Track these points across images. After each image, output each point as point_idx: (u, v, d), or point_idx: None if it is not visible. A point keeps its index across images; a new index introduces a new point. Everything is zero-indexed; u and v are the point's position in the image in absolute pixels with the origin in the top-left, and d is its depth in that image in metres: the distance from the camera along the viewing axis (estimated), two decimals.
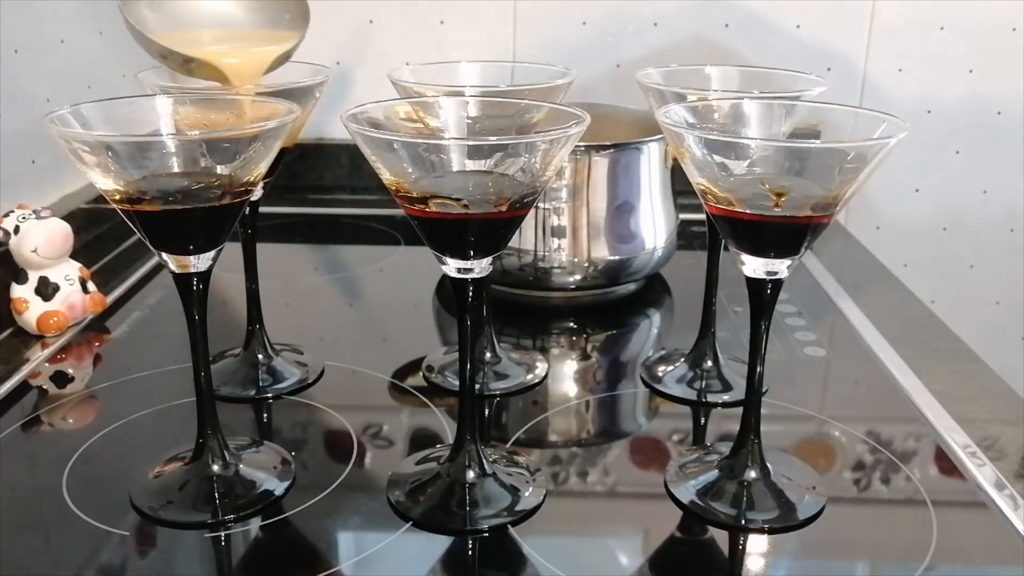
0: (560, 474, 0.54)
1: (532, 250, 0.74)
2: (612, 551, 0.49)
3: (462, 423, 0.51)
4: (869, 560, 0.48)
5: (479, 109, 0.52)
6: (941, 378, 0.65)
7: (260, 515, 0.49)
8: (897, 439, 0.58)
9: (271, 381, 0.63)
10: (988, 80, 1.05)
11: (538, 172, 0.45)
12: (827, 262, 0.88)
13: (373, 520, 0.49)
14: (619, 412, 0.64)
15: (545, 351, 0.71)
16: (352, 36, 1.06)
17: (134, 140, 0.44)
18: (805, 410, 0.62)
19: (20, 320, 0.69)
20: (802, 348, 0.70)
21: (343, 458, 0.55)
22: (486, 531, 0.48)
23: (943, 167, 1.09)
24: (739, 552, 0.48)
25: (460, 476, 0.51)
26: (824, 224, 0.46)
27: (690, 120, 0.50)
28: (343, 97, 1.04)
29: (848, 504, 0.52)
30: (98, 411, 0.61)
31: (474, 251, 0.46)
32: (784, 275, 0.48)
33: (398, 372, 0.66)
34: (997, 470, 0.54)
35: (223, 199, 0.45)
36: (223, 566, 0.47)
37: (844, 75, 1.05)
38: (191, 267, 0.47)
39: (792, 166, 0.44)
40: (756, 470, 0.51)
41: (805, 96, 0.55)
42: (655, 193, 0.77)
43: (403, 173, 0.44)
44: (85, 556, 0.46)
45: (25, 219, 0.69)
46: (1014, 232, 1.10)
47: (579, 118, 0.46)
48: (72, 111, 0.46)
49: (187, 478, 0.51)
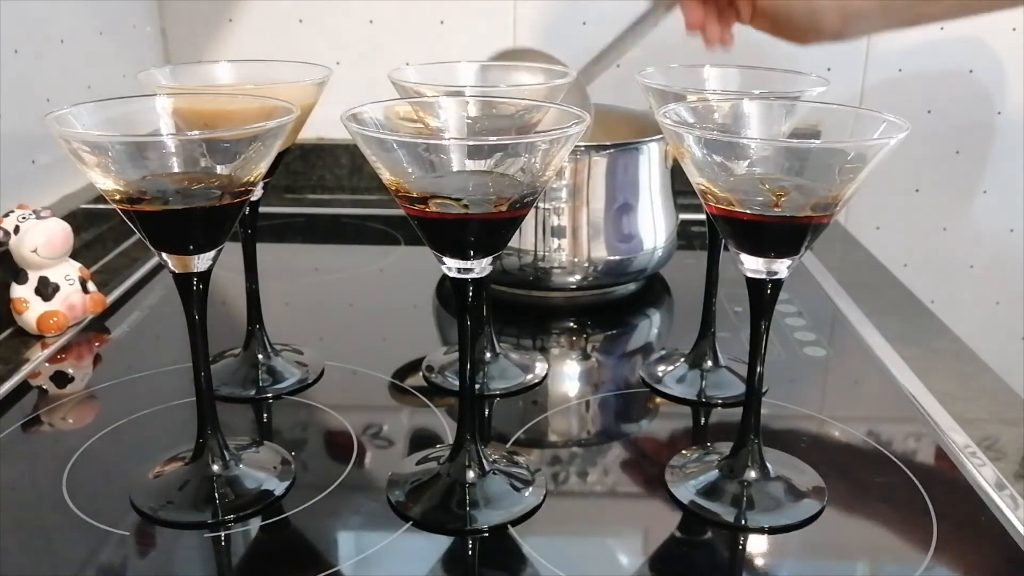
0: (560, 474, 0.54)
1: (532, 250, 0.74)
2: (612, 551, 0.49)
3: (462, 423, 0.51)
4: (869, 560, 0.48)
5: (479, 109, 0.52)
6: (941, 378, 0.65)
7: (260, 515, 0.49)
8: (897, 439, 0.58)
9: (271, 381, 0.63)
10: (988, 80, 1.05)
11: (538, 172, 0.45)
12: (827, 262, 0.88)
13: (373, 520, 0.49)
14: (619, 412, 0.64)
15: (545, 351, 0.71)
16: (352, 36, 1.06)
17: (134, 140, 0.44)
18: (805, 410, 0.62)
19: (20, 320, 0.69)
20: (802, 348, 0.70)
21: (343, 458, 0.55)
22: (486, 531, 0.48)
23: (943, 167, 1.09)
24: (739, 552, 0.48)
25: (460, 476, 0.51)
26: (824, 224, 0.46)
27: (690, 120, 0.50)
28: (343, 97, 1.04)
29: (848, 504, 0.52)
30: (98, 411, 0.61)
31: (474, 251, 0.46)
32: (784, 275, 0.48)
33: (398, 372, 0.66)
34: (997, 470, 0.54)
35: (223, 199, 0.45)
36: (223, 566, 0.47)
37: (844, 75, 1.05)
38: (191, 267, 0.47)
39: (792, 166, 0.44)
40: (756, 470, 0.51)
41: (805, 96, 0.55)
42: (655, 193, 0.77)
43: (403, 173, 0.44)
44: (85, 556, 0.46)
45: (25, 219, 0.69)
46: (1014, 232, 1.10)
47: (579, 118, 0.46)
48: (72, 111, 0.46)
49: (187, 478, 0.51)
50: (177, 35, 1.08)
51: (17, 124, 0.79)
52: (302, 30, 1.07)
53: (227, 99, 0.52)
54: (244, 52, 1.06)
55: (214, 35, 1.08)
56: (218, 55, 1.06)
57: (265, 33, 1.07)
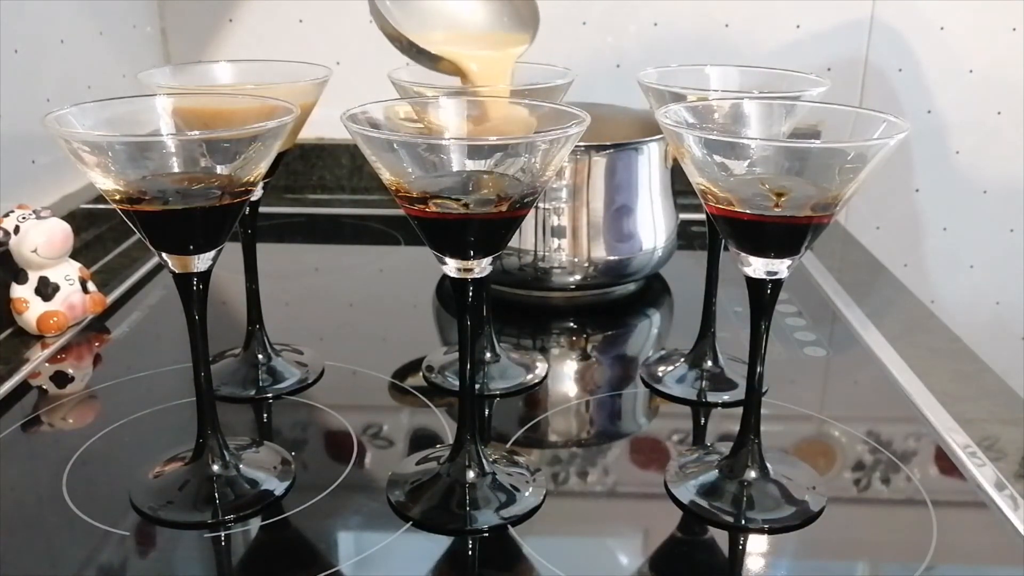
0: (560, 474, 0.54)
1: (532, 250, 0.74)
2: (612, 551, 0.49)
3: (462, 423, 0.51)
4: (869, 560, 0.48)
5: (479, 109, 0.52)
6: (941, 378, 0.65)
7: (260, 515, 0.49)
8: (897, 439, 0.58)
9: (271, 381, 0.63)
10: (988, 80, 1.05)
11: (538, 172, 0.45)
12: (827, 262, 0.88)
13: (373, 520, 0.49)
14: (619, 412, 0.64)
15: (545, 351, 0.71)
16: (352, 36, 1.06)
17: (134, 140, 0.44)
18: (805, 410, 0.62)
19: (20, 320, 0.69)
20: (802, 348, 0.70)
21: (343, 458, 0.55)
22: (486, 531, 0.48)
23: (943, 167, 1.09)
24: (739, 552, 0.48)
25: (460, 476, 0.51)
26: (824, 224, 0.46)
27: (690, 120, 0.50)
28: (343, 97, 1.04)
29: (848, 504, 0.52)
30: (98, 411, 0.61)
31: (474, 251, 0.46)
32: (784, 275, 0.48)
33: (398, 372, 0.66)
34: (997, 470, 0.54)
35: (223, 199, 0.45)
36: (223, 566, 0.47)
37: (844, 75, 1.05)
38: (191, 267, 0.47)
39: (792, 166, 0.44)
40: (756, 470, 0.51)
41: (805, 96, 0.55)
42: (655, 193, 0.77)
43: (403, 173, 0.44)
44: (85, 556, 0.46)
45: (25, 219, 0.69)
46: (1014, 232, 1.10)
47: (579, 118, 0.46)
48: (72, 111, 0.46)
49: (187, 478, 0.51)
50: (177, 35, 1.08)
51: (17, 124, 0.79)
52: (302, 30, 1.07)
53: (227, 99, 0.52)
54: (244, 52, 1.06)
55: (214, 35, 1.08)
56: (218, 55, 1.06)
57: (265, 33, 1.07)
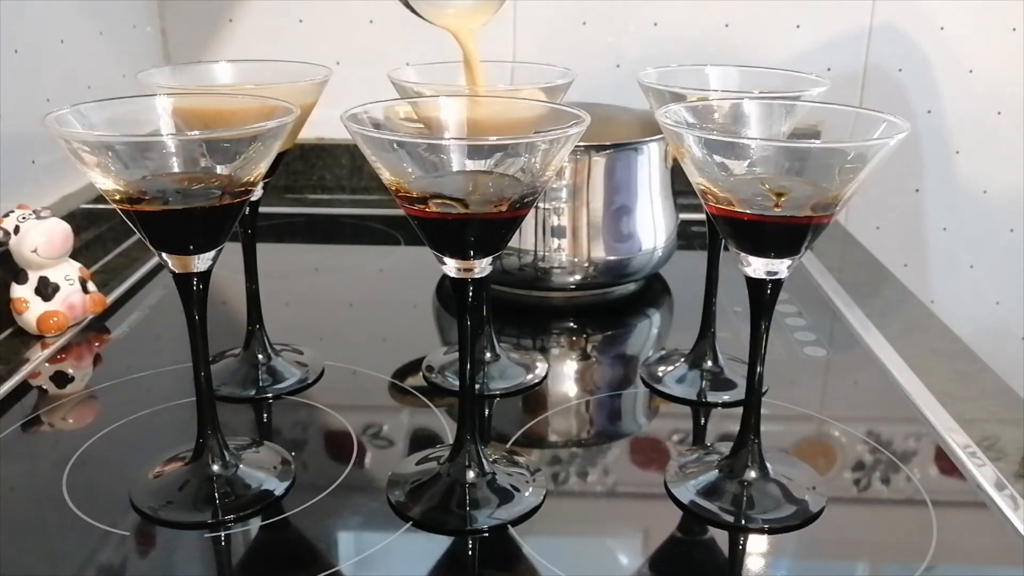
0: (560, 474, 0.54)
1: (532, 250, 0.74)
2: (612, 551, 0.49)
3: (462, 423, 0.51)
4: (869, 560, 0.48)
5: (479, 108, 0.52)
6: (941, 378, 0.65)
7: (260, 515, 0.49)
8: (897, 439, 0.58)
9: (271, 381, 0.63)
10: (988, 80, 1.05)
11: (538, 172, 0.45)
12: (827, 262, 0.88)
13: (373, 520, 0.49)
14: (619, 412, 0.64)
15: (545, 351, 0.71)
16: (352, 36, 1.06)
17: (134, 140, 0.44)
18: (805, 410, 0.62)
19: (20, 320, 0.69)
20: (802, 348, 0.70)
21: (343, 458, 0.55)
22: (486, 531, 0.48)
23: (943, 167, 1.09)
24: (739, 552, 0.48)
25: (460, 476, 0.51)
26: (824, 224, 0.46)
27: (690, 120, 0.50)
28: (343, 97, 1.04)
29: (848, 504, 0.52)
30: (98, 411, 0.61)
31: (474, 251, 0.46)
32: (784, 275, 0.48)
33: (398, 372, 0.66)
34: (997, 470, 0.54)
35: (223, 199, 0.45)
36: (223, 566, 0.47)
37: (844, 75, 1.05)
38: (191, 267, 0.47)
39: (792, 166, 0.44)
40: (756, 470, 0.51)
41: (805, 96, 0.55)
42: (655, 193, 0.77)
43: (403, 173, 0.44)
44: (85, 556, 0.46)
45: (25, 219, 0.69)
46: (1014, 232, 1.10)
47: (579, 118, 0.46)
48: (72, 111, 0.46)
49: (187, 478, 0.51)
50: (177, 35, 1.08)
51: (17, 124, 0.79)
52: (302, 30, 1.07)
53: (227, 99, 0.52)
54: (244, 52, 1.06)
55: (214, 35, 1.08)
56: (218, 55, 1.06)
57: (265, 33, 1.07)
